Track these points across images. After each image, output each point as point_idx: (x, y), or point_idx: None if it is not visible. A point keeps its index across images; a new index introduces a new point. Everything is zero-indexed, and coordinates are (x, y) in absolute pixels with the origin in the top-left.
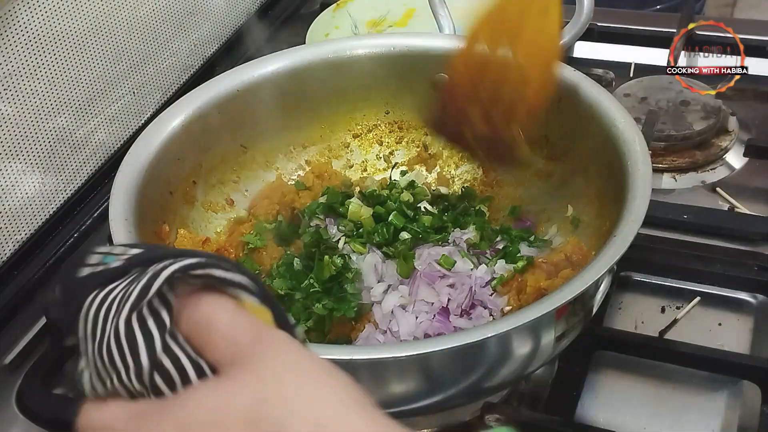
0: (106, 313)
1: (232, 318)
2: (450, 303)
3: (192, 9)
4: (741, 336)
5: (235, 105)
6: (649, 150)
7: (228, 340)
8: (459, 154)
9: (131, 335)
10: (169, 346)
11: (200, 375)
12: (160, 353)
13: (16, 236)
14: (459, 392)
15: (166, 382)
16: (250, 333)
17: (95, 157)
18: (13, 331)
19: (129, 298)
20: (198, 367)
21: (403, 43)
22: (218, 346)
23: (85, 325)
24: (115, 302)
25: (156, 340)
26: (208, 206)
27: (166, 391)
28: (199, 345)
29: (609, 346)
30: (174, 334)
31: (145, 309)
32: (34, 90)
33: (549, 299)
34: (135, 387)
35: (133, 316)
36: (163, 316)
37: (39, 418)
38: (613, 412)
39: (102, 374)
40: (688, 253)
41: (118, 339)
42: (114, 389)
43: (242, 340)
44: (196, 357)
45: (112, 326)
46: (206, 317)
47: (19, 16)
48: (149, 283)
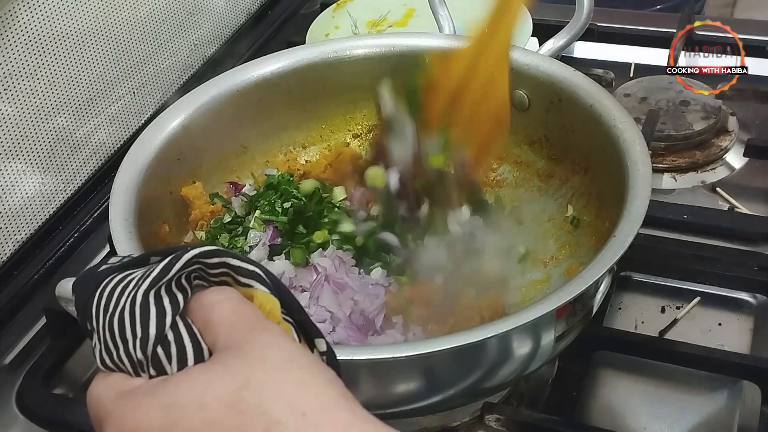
0: (123, 289)
1: (234, 306)
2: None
3: (192, 9)
4: (741, 336)
5: (235, 105)
6: (649, 150)
7: (226, 326)
8: None
9: (146, 307)
10: (177, 324)
11: (198, 359)
12: (168, 329)
13: (16, 236)
14: (459, 392)
15: (166, 357)
16: (248, 321)
17: (95, 157)
18: (13, 331)
19: (149, 276)
20: (198, 351)
21: (403, 43)
22: (215, 330)
23: (99, 301)
24: (134, 280)
25: (167, 316)
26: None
27: (165, 365)
28: (200, 327)
29: (609, 346)
30: (184, 316)
31: (163, 289)
32: (34, 90)
33: (549, 299)
34: (137, 357)
35: (152, 292)
36: (179, 299)
37: (39, 418)
38: (613, 412)
39: (110, 346)
40: (688, 253)
41: (132, 309)
42: (120, 360)
43: (238, 327)
44: (199, 340)
45: (128, 299)
46: (210, 302)
47: (19, 16)
48: (171, 264)
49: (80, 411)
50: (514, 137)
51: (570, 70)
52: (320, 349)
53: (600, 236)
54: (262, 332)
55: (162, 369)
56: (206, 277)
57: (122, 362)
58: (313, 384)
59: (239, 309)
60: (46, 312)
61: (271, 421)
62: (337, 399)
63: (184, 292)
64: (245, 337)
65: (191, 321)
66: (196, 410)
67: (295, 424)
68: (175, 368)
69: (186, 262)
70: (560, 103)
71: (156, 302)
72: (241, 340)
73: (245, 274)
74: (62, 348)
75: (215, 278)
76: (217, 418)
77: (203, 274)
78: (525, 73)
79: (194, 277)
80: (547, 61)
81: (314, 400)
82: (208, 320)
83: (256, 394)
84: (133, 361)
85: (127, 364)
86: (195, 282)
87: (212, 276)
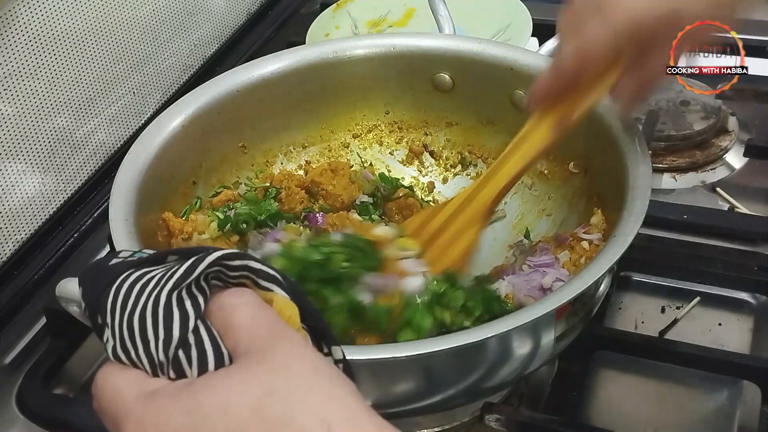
0: (143, 287)
1: (254, 310)
2: None
3: (192, 9)
4: (741, 336)
5: (235, 105)
6: (649, 150)
7: (246, 331)
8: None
9: (169, 309)
10: (198, 328)
11: (219, 364)
12: (191, 333)
13: (16, 236)
14: (459, 392)
15: (187, 361)
16: (269, 328)
17: (95, 157)
18: (13, 331)
19: (173, 277)
20: (219, 355)
21: (403, 43)
22: (236, 335)
23: (115, 296)
24: (154, 279)
25: (191, 319)
26: (208, 206)
27: (185, 368)
28: (219, 329)
29: (609, 346)
30: (204, 319)
31: (185, 291)
32: (34, 90)
33: (549, 299)
34: (159, 358)
35: (174, 293)
36: (199, 301)
37: (39, 418)
38: (613, 412)
39: (127, 344)
40: (688, 253)
41: (155, 310)
42: (138, 359)
43: (260, 333)
44: (220, 344)
45: (150, 298)
46: (230, 304)
47: (19, 16)
48: (194, 265)
49: (80, 411)
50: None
51: None
52: (336, 357)
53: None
54: (284, 340)
55: (182, 372)
56: (224, 278)
57: (140, 361)
58: (338, 395)
59: (259, 314)
60: (46, 312)
61: (296, 430)
62: (361, 411)
63: (204, 293)
64: (267, 344)
65: (210, 323)
66: (220, 416)
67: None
68: (196, 372)
69: (209, 264)
70: None
71: (179, 304)
72: (263, 347)
73: (266, 277)
74: (62, 348)
75: (234, 280)
76: (241, 425)
77: (221, 275)
78: (525, 73)
79: (211, 278)
80: (547, 61)
81: (340, 412)
82: (228, 324)
83: (281, 403)
84: (153, 361)
85: (146, 363)
86: (212, 282)
87: (231, 278)
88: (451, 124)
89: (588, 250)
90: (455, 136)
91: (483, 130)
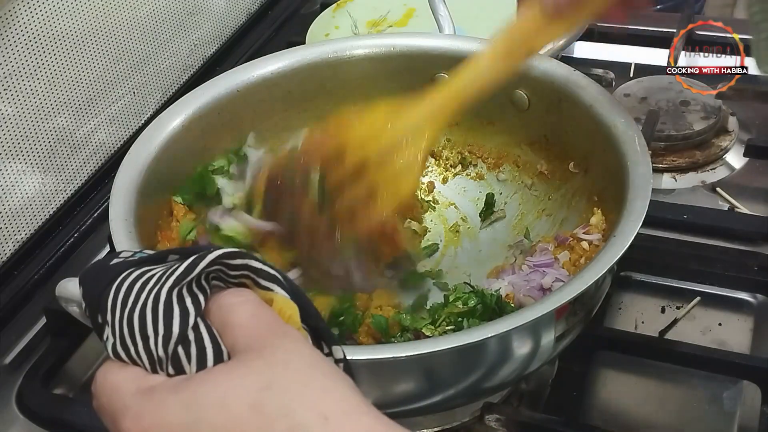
0: (143, 285)
1: (253, 309)
2: None
3: (192, 9)
4: (741, 336)
5: (235, 105)
6: (649, 150)
7: (245, 329)
8: (457, 155)
9: (169, 305)
10: (198, 325)
11: (218, 361)
12: (190, 329)
13: (16, 236)
14: (459, 392)
15: (186, 357)
16: (268, 326)
17: (95, 157)
18: (13, 331)
19: (173, 274)
20: (218, 352)
21: (403, 43)
22: (235, 333)
23: (116, 294)
24: (154, 277)
25: (191, 316)
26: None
27: (184, 364)
28: (218, 328)
29: (609, 346)
30: (204, 317)
31: (185, 289)
32: (34, 90)
33: (549, 299)
34: (158, 354)
35: (175, 290)
36: (200, 299)
37: (39, 418)
38: (613, 412)
39: (127, 341)
40: (688, 253)
41: (155, 307)
42: (137, 356)
43: (259, 331)
44: (219, 342)
45: (151, 296)
46: (230, 303)
47: (19, 16)
48: (195, 263)
49: (80, 411)
50: (515, 137)
51: (570, 70)
52: (336, 357)
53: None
54: (283, 337)
55: (181, 368)
56: (224, 278)
57: (140, 357)
58: (336, 389)
59: (259, 312)
60: (46, 312)
61: (294, 423)
62: (359, 405)
63: (204, 292)
64: (266, 341)
65: (210, 322)
66: (218, 410)
67: (318, 427)
68: (195, 368)
69: (209, 262)
70: (560, 103)
71: (179, 301)
72: (262, 344)
73: (266, 277)
74: (62, 348)
75: (234, 279)
76: (239, 419)
77: (221, 274)
78: (525, 73)
79: (212, 278)
80: (547, 61)
81: (337, 405)
82: (227, 322)
83: (279, 397)
84: (153, 358)
85: (146, 360)
86: (212, 282)
87: (231, 277)
88: (451, 124)
89: (588, 250)
90: (455, 136)
91: (483, 130)
